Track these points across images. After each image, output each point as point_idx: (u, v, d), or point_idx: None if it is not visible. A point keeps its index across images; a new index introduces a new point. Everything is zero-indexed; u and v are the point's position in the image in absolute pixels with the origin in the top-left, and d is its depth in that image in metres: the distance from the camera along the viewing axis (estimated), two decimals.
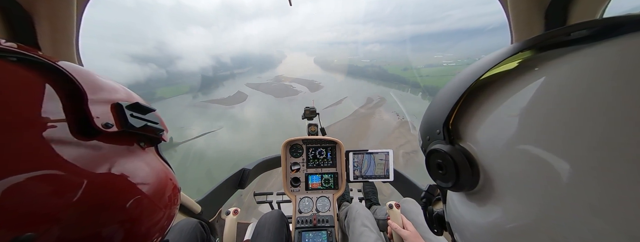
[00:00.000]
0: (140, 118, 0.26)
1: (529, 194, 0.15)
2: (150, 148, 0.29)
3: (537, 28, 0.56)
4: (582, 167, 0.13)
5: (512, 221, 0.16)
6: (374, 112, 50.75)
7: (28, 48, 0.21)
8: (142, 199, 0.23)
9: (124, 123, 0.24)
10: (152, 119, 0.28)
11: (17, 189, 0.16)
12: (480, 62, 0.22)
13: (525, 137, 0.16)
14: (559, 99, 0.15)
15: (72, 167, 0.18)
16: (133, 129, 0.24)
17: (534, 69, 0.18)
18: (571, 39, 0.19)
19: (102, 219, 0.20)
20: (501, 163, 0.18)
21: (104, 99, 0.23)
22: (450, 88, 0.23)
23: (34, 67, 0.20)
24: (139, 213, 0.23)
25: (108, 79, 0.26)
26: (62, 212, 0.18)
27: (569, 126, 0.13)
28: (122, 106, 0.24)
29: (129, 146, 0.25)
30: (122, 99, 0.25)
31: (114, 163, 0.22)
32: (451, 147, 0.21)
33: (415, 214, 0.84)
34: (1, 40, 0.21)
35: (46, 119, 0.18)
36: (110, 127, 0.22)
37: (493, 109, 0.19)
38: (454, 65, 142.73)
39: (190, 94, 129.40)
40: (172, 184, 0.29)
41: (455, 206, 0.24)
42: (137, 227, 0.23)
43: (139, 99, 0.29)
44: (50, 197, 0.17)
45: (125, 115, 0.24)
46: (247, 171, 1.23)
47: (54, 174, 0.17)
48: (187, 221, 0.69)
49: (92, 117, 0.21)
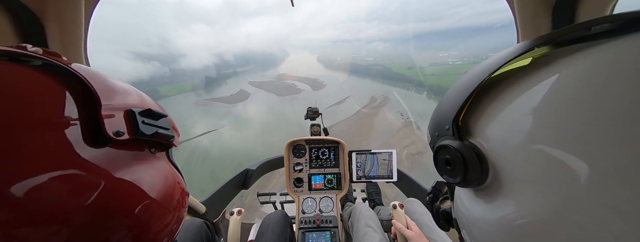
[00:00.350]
0: (151, 125, 0.26)
1: (544, 192, 0.15)
2: (161, 153, 0.29)
3: (544, 26, 0.55)
4: (603, 167, 0.12)
5: (523, 218, 0.16)
6: (378, 112, 50.23)
7: (52, 53, 0.22)
8: (152, 205, 0.24)
9: (135, 131, 0.24)
10: (164, 125, 0.28)
11: (33, 190, 0.16)
12: (493, 58, 0.22)
13: (540, 135, 0.16)
14: (579, 96, 0.14)
15: (83, 173, 0.19)
16: (144, 137, 0.25)
17: (551, 65, 0.18)
18: (591, 34, 0.18)
19: (111, 225, 0.21)
20: (513, 160, 0.18)
21: (117, 105, 0.23)
22: (461, 84, 0.23)
23: (56, 72, 0.21)
24: (148, 218, 0.24)
25: (120, 81, 0.27)
26: (72, 215, 0.18)
27: (590, 124, 0.13)
28: (135, 113, 0.24)
29: (139, 151, 0.25)
30: (134, 105, 0.26)
31: (124, 169, 0.22)
32: (460, 143, 0.22)
33: (419, 214, 0.84)
34: (28, 46, 0.21)
35: (61, 125, 0.19)
36: (122, 135, 0.22)
37: (506, 106, 0.19)
38: (460, 64, 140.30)
39: (193, 92, 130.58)
40: (181, 189, 0.29)
41: (462, 202, 0.25)
42: (147, 232, 0.24)
43: (152, 103, 0.29)
44: (62, 199, 0.17)
45: (137, 122, 0.24)
46: (250, 171, 1.24)
47: (67, 178, 0.18)
48: (192, 221, 0.70)
49: (104, 125, 0.21)
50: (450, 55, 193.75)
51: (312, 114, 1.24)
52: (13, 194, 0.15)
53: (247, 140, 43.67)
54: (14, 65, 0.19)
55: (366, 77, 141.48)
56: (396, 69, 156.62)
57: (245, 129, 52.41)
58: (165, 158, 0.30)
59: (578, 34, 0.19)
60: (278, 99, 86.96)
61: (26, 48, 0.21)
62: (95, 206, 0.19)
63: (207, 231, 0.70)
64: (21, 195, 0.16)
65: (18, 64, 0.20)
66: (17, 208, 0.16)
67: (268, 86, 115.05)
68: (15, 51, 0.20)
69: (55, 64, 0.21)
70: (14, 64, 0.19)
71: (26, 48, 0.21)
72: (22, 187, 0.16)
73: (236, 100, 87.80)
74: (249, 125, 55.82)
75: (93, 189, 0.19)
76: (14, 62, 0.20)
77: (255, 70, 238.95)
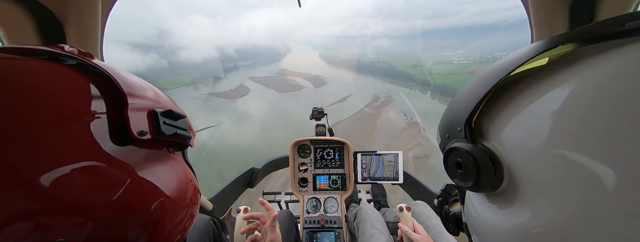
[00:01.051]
0: (172, 125, 0.27)
1: (565, 200, 0.14)
2: (177, 152, 0.30)
3: (560, 25, 0.54)
4: (634, 175, 0.12)
5: (540, 227, 0.16)
6: (381, 112, 49.32)
7: (86, 53, 0.24)
8: (167, 202, 0.25)
9: (157, 131, 0.25)
10: (182, 125, 0.29)
11: (62, 182, 0.17)
12: (511, 56, 0.21)
13: (564, 139, 0.15)
14: (611, 98, 0.13)
15: (109, 169, 0.20)
16: (164, 137, 0.26)
17: (577, 64, 0.16)
18: (625, 30, 0.17)
19: (131, 220, 0.22)
20: (532, 166, 0.17)
21: (141, 105, 0.25)
22: (475, 84, 0.22)
23: (88, 71, 0.23)
24: (164, 215, 0.25)
25: (141, 80, 0.28)
26: (98, 209, 0.19)
27: (622, 129, 0.12)
28: (157, 114, 0.26)
29: (158, 150, 0.27)
30: (157, 105, 0.27)
31: (144, 167, 0.23)
32: (473, 146, 0.21)
33: (426, 217, 0.84)
34: (65, 46, 0.23)
35: (91, 122, 0.20)
36: (145, 134, 0.24)
37: (524, 108, 0.18)
38: (466, 63, 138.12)
39: (193, 85, 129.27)
40: (194, 187, 0.30)
41: (474, 207, 0.24)
42: (162, 228, 0.25)
43: (171, 103, 0.30)
44: (89, 193, 0.18)
45: (159, 122, 0.25)
46: (256, 170, 1.27)
47: (94, 172, 0.19)
48: (200, 217, 0.74)
49: (130, 125, 0.22)
50: (456, 54, 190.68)
51: (317, 114, 1.24)
52: (43, 184, 0.16)
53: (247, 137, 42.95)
54: (53, 64, 0.21)
55: (369, 74, 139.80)
56: (400, 66, 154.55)
57: (245, 125, 51.63)
58: (181, 157, 0.31)
59: (609, 30, 0.17)
60: (278, 95, 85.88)
61: (64, 48, 0.23)
62: (118, 201, 0.20)
63: (214, 227, 0.73)
64: (51, 185, 0.16)
65: (57, 63, 0.22)
66: (46, 198, 0.16)
67: (268, 82, 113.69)
68: (54, 51, 0.22)
69: (89, 63, 0.23)
70: (53, 63, 0.21)
71: (64, 48, 0.23)
72: (52, 178, 0.16)
73: (236, 95, 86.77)
74: (248, 121, 55.02)
75: (117, 185, 0.20)
76: (53, 61, 0.22)
77: (256, 65, 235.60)
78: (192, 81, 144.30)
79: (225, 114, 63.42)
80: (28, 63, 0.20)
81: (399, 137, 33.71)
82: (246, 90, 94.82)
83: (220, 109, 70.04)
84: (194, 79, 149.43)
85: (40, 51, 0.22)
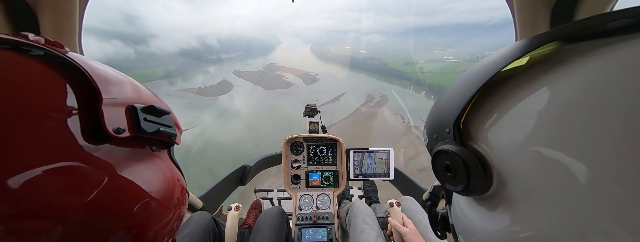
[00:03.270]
0: (154, 122, 0.26)
1: (555, 204, 0.14)
2: (163, 151, 0.29)
3: (543, 25, 0.56)
4: (628, 179, 0.12)
5: (528, 230, 0.16)
6: (376, 113, 47.29)
7: (54, 42, 0.22)
8: (151, 203, 0.24)
9: (137, 128, 0.24)
10: (167, 122, 0.28)
11: (30, 184, 0.16)
12: (497, 55, 0.21)
13: (553, 140, 0.15)
14: (596, 98, 0.13)
15: (82, 169, 0.19)
16: (145, 135, 0.24)
17: (565, 64, 0.17)
18: (606, 30, 0.17)
19: (109, 224, 0.20)
20: (521, 168, 0.17)
21: (118, 100, 0.23)
22: (463, 84, 0.22)
23: (56, 62, 0.21)
24: (148, 218, 0.23)
25: (121, 74, 0.26)
26: (69, 212, 0.18)
27: (611, 131, 0.12)
28: (137, 110, 0.24)
29: (140, 148, 0.25)
30: (136, 100, 0.25)
31: (123, 167, 0.22)
32: (462, 148, 0.21)
33: (414, 212, 0.89)
34: (29, 35, 0.21)
35: (60, 118, 0.19)
36: (122, 132, 0.22)
37: (512, 108, 0.18)
38: (457, 62, 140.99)
39: (167, 79, 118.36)
40: (181, 187, 0.29)
41: (461, 209, 0.24)
42: (146, 231, 0.24)
43: (154, 98, 0.29)
44: (59, 195, 0.17)
45: (138, 119, 0.24)
46: (248, 167, 1.30)
47: (65, 173, 0.18)
48: (201, 216, 0.77)
49: (105, 122, 0.21)
50: (446, 53, 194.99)
51: (310, 111, 1.24)
52: (9, 187, 0.15)
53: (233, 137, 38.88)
54: (15, 54, 0.19)
55: (362, 71, 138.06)
56: (393, 64, 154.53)
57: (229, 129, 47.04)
58: (167, 156, 0.30)
59: (593, 29, 0.18)
60: (265, 92, 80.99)
61: (28, 37, 0.21)
62: (93, 203, 0.19)
63: (214, 226, 0.77)
64: (17, 188, 0.15)
65: (19, 53, 0.20)
66: (12, 201, 0.15)
67: (256, 77, 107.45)
68: (17, 40, 0.20)
69: (57, 54, 0.21)
70: (15, 53, 0.19)
71: (28, 37, 0.21)
72: (18, 180, 0.15)
73: (218, 92, 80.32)
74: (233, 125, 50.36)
75: (92, 186, 0.19)
76: (15, 51, 0.20)
77: (242, 58, 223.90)
78: (166, 74, 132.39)
79: (206, 113, 57.88)
80: None
81: (397, 143, 31.82)
82: (229, 86, 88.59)
83: (199, 107, 64.04)
84: (169, 72, 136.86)
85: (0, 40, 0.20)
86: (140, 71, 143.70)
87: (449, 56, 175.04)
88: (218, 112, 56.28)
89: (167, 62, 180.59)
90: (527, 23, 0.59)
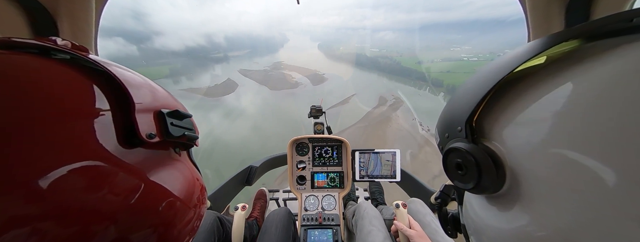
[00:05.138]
0: (179, 126, 0.27)
1: (570, 204, 0.14)
2: (183, 152, 0.31)
3: (557, 23, 0.56)
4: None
5: (543, 230, 0.16)
6: (390, 118, 43.60)
7: (80, 47, 0.23)
8: (176, 203, 0.25)
9: (166, 133, 0.25)
10: (188, 125, 0.29)
11: (62, 185, 0.16)
12: (513, 53, 0.21)
13: (571, 140, 0.15)
14: (622, 96, 0.13)
15: (117, 173, 0.20)
16: (172, 139, 0.26)
17: (585, 61, 0.16)
18: (632, 26, 0.17)
19: (139, 224, 0.21)
20: (536, 167, 0.17)
21: (147, 105, 0.24)
22: (476, 82, 0.22)
23: (83, 67, 0.22)
24: (173, 216, 0.25)
25: (141, 76, 0.27)
26: (104, 214, 0.18)
27: (631, 130, 0.12)
28: (164, 115, 0.26)
29: (165, 151, 0.27)
30: (162, 105, 0.27)
31: (152, 169, 0.23)
32: (474, 146, 0.21)
33: (422, 214, 0.88)
34: (57, 39, 0.22)
35: (94, 126, 0.19)
36: (154, 137, 0.24)
37: (528, 106, 0.18)
38: (477, 61, 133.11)
39: (172, 78, 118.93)
40: (201, 186, 0.31)
41: (473, 209, 0.24)
42: (172, 230, 0.25)
43: (176, 102, 0.31)
44: (95, 197, 0.18)
45: (167, 124, 0.25)
46: (254, 168, 1.33)
47: (101, 177, 0.18)
48: (206, 215, 0.80)
49: (139, 128, 0.22)
50: (463, 50, 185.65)
51: (315, 112, 1.26)
52: (42, 188, 0.15)
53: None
54: (44, 60, 0.20)
55: (373, 70, 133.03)
56: (406, 63, 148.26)
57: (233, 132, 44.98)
58: (187, 157, 0.32)
59: (617, 26, 0.17)
60: (271, 93, 78.74)
61: (56, 42, 0.22)
62: (127, 205, 0.20)
63: (219, 225, 0.79)
64: (51, 190, 0.16)
65: (47, 58, 0.20)
66: (47, 203, 0.16)
67: (262, 76, 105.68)
68: (45, 45, 0.21)
69: (84, 58, 0.22)
70: (44, 59, 0.20)
71: (56, 42, 0.22)
72: (55, 181, 0.16)
73: (220, 92, 78.95)
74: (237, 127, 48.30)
75: (125, 188, 0.20)
76: (43, 57, 0.20)
77: (249, 56, 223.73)
78: (170, 73, 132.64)
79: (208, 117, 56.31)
80: (14, 58, 0.19)
81: (417, 156, 28.25)
82: (234, 86, 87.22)
83: (202, 109, 62.70)
84: (174, 71, 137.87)
85: (28, 44, 0.21)
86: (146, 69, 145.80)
87: (467, 54, 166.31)
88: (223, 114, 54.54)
89: (172, 59, 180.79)
90: (541, 21, 0.58)
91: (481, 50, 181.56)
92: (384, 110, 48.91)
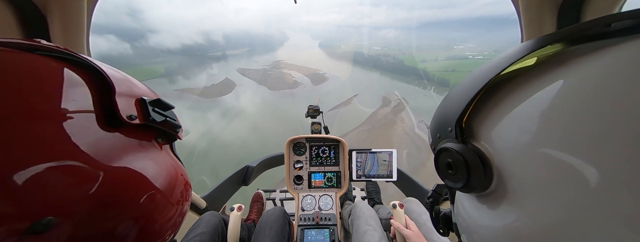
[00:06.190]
0: (160, 113, 0.28)
1: (554, 201, 0.15)
2: (165, 145, 0.31)
3: (549, 25, 0.57)
4: (625, 176, 0.12)
5: (529, 227, 0.16)
6: (395, 120, 41.79)
7: (65, 49, 0.24)
8: (156, 195, 0.25)
9: (147, 117, 0.26)
10: (171, 116, 0.30)
11: (37, 178, 0.16)
12: (500, 56, 0.22)
13: (553, 139, 0.15)
14: (600, 98, 0.14)
15: (93, 159, 0.20)
16: (154, 123, 0.27)
17: (566, 64, 0.17)
18: (610, 31, 0.18)
19: (118, 214, 0.21)
20: (520, 166, 0.17)
21: (128, 93, 0.25)
22: (466, 84, 0.23)
23: (68, 60, 0.23)
24: (154, 209, 0.24)
25: (120, 72, 0.28)
26: (79, 204, 0.18)
27: (612, 128, 0.13)
28: (146, 101, 0.27)
29: (147, 140, 0.27)
30: (143, 94, 0.28)
31: (132, 156, 0.23)
32: (463, 146, 0.22)
33: (418, 214, 0.90)
34: (41, 41, 0.23)
35: (76, 110, 0.20)
36: (134, 119, 0.24)
37: (514, 108, 0.19)
38: (482, 59, 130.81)
39: (167, 77, 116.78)
40: (185, 181, 0.31)
41: (464, 207, 0.25)
42: (152, 223, 0.24)
43: (153, 95, 0.31)
44: (68, 187, 0.18)
45: (147, 109, 0.26)
46: (250, 168, 1.33)
47: (75, 165, 0.18)
48: (212, 216, 0.82)
49: (118, 109, 0.23)
50: (467, 48, 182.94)
51: (312, 112, 1.27)
52: (15, 182, 0.15)
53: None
54: (31, 54, 0.21)
55: (375, 69, 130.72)
56: (409, 61, 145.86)
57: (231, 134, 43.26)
58: (170, 151, 0.32)
59: (596, 30, 0.19)
60: (270, 93, 76.85)
61: (41, 42, 0.23)
62: (102, 193, 0.20)
63: (223, 226, 0.83)
64: (26, 182, 0.16)
65: (32, 53, 0.22)
66: (19, 198, 0.16)
67: (261, 75, 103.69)
68: (31, 44, 0.22)
69: (69, 53, 0.23)
70: (30, 53, 0.21)
71: (41, 42, 0.23)
72: (28, 173, 0.16)
73: (217, 93, 77.08)
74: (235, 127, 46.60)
75: (100, 176, 0.20)
76: (30, 52, 0.21)
77: (248, 55, 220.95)
78: (166, 72, 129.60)
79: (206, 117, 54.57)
80: None
81: (425, 164, 26.51)
82: (232, 85, 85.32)
83: (199, 109, 60.93)
84: (170, 70, 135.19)
85: (15, 44, 0.22)
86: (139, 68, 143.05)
87: (472, 52, 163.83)
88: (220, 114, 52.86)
89: (168, 58, 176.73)
90: (533, 22, 0.60)
91: (486, 48, 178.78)
92: (387, 112, 47.07)
